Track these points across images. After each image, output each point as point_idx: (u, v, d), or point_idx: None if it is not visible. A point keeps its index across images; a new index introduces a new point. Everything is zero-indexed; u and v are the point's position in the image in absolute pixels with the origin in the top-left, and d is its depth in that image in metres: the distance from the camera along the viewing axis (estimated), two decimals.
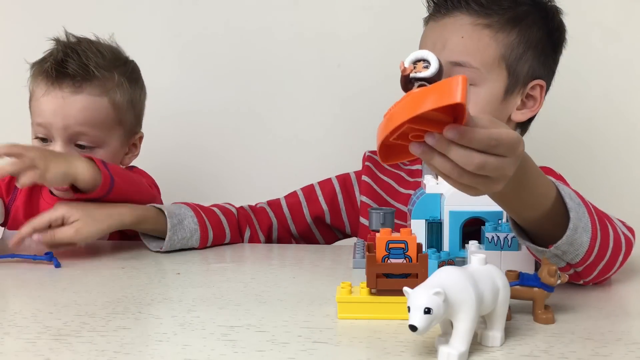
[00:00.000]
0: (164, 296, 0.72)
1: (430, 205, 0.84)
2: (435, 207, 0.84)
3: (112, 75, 1.12)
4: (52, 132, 1.09)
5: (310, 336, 0.57)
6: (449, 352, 0.50)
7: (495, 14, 0.98)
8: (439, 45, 0.97)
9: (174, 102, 1.54)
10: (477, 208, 0.81)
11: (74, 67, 1.08)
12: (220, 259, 0.93)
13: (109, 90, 1.11)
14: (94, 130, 1.10)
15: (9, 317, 0.64)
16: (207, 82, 1.54)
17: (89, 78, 1.09)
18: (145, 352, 0.54)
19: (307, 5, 1.51)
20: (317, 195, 1.12)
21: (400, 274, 0.62)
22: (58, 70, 1.08)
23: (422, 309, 0.48)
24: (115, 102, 1.12)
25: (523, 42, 1.00)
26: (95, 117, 1.10)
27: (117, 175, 0.98)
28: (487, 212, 0.81)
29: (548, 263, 0.62)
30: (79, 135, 1.09)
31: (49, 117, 1.08)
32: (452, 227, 0.82)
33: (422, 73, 0.57)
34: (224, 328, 0.60)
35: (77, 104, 1.08)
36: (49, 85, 1.08)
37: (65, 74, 1.08)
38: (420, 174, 1.12)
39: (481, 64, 0.98)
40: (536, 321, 0.61)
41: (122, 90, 1.13)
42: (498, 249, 0.78)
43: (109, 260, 0.93)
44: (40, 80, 1.10)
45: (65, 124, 1.08)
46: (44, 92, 1.08)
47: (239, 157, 1.55)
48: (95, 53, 1.11)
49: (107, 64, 1.12)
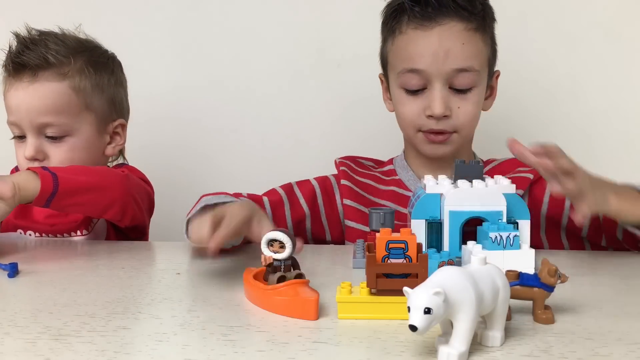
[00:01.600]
0: (164, 296, 0.72)
1: (430, 205, 0.84)
2: (435, 207, 0.84)
3: (69, 60, 1.11)
4: (22, 127, 1.09)
5: (310, 336, 0.57)
6: (449, 352, 0.50)
7: (477, 17, 1.03)
8: (442, 55, 1.00)
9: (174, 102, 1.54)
10: (477, 208, 0.81)
11: (30, 57, 1.08)
12: (220, 259, 0.93)
13: (66, 74, 1.10)
14: (59, 118, 1.09)
15: (9, 317, 0.64)
16: (207, 82, 1.54)
17: (46, 66, 1.08)
18: (145, 352, 0.54)
19: (307, 6, 1.51)
20: (297, 196, 1.10)
21: (400, 274, 0.62)
22: (15, 62, 1.08)
23: (422, 309, 0.48)
24: (77, 86, 1.11)
25: (491, 38, 1.08)
26: (57, 104, 1.09)
27: (59, 170, 0.94)
28: (486, 212, 0.81)
29: (548, 263, 0.62)
30: (45, 126, 1.08)
31: (15, 112, 1.09)
32: (452, 227, 0.82)
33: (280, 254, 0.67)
34: (224, 328, 0.60)
35: (37, 92, 1.08)
36: (10, 79, 1.09)
37: (23, 65, 1.08)
38: (394, 173, 1.13)
39: (480, 66, 1.04)
40: (536, 321, 0.61)
41: (84, 74, 1.12)
42: (500, 249, 0.77)
43: (108, 260, 0.93)
44: (5, 78, 1.11)
45: (29, 115, 1.08)
46: (7, 87, 1.09)
47: (238, 157, 1.55)
48: (57, 42, 1.10)
49: (67, 51, 1.11)
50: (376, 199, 1.10)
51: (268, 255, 0.67)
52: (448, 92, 1.02)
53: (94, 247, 1.04)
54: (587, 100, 1.46)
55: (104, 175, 1.04)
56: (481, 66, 1.04)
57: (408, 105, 1.05)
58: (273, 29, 1.52)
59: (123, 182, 1.05)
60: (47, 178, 0.91)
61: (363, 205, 1.09)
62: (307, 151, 1.51)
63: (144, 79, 1.43)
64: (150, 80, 1.47)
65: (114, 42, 1.24)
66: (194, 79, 1.55)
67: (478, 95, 1.04)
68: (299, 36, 1.51)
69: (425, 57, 1.01)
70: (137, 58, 1.32)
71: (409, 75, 1.03)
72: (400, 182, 1.11)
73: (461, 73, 1.01)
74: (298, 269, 0.68)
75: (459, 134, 1.05)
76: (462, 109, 1.03)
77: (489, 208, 0.81)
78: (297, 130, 1.52)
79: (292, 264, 0.68)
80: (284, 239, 0.66)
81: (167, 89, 1.54)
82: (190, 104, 1.55)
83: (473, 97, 1.03)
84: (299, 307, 0.62)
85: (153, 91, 1.48)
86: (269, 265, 0.68)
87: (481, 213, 0.81)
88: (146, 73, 1.35)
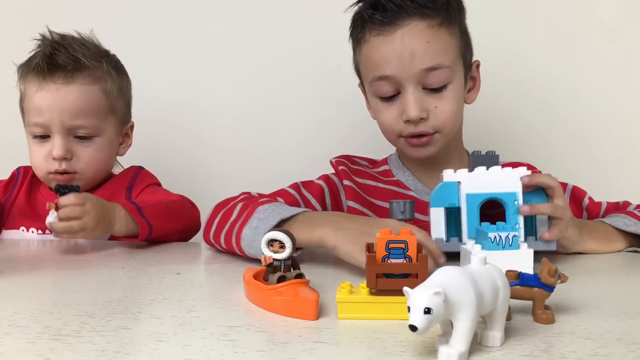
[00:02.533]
0: (164, 296, 0.72)
1: (447, 193, 0.86)
2: (453, 195, 0.86)
3: (101, 64, 1.14)
4: (51, 128, 1.10)
5: (310, 336, 0.57)
6: (449, 352, 0.50)
7: (441, 11, 1.00)
8: (407, 57, 0.98)
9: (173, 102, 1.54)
10: (493, 190, 0.85)
11: (63, 59, 1.09)
12: (220, 259, 0.93)
13: (99, 78, 1.13)
14: (90, 120, 1.11)
15: (9, 317, 0.64)
16: (207, 82, 1.55)
17: (80, 68, 1.11)
18: (145, 352, 0.54)
19: (307, 6, 1.51)
20: (307, 196, 1.09)
21: (400, 274, 0.62)
22: (49, 64, 1.09)
23: (422, 309, 0.48)
24: (107, 90, 1.14)
25: (461, 30, 1.05)
26: (89, 106, 1.11)
27: (152, 218, 1.02)
28: (502, 193, 0.85)
29: (548, 263, 0.62)
30: (77, 127, 1.11)
31: (45, 112, 1.09)
32: (470, 209, 0.85)
33: (280, 255, 0.67)
34: (224, 328, 0.60)
35: (71, 94, 1.09)
36: (41, 80, 1.10)
37: (57, 66, 1.09)
38: (391, 174, 1.13)
39: (450, 61, 1.01)
40: (536, 321, 0.61)
41: (111, 78, 1.16)
42: (500, 249, 0.77)
43: (109, 260, 0.93)
44: (32, 78, 1.11)
45: (62, 116, 1.09)
46: (36, 88, 1.10)
47: (238, 157, 1.55)
48: (81, 46, 1.13)
49: (94, 55, 1.14)
50: (375, 200, 1.09)
51: (268, 255, 0.67)
52: (422, 94, 1.00)
53: (95, 247, 1.04)
54: (587, 101, 1.47)
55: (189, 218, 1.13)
56: (452, 61, 1.01)
57: (385, 112, 1.04)
58: (274, 29, 1.52)
59: (197, 219, 1.15)
60: (145, 229, 1.01)
61: (364, 206, 1.09)
62: (307, 151, 1.51)
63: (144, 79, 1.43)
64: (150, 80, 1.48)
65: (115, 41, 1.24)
66: (194, 79, 1.55)
67: (454, 91, 1.02)
68: (299, 36, 1.52)
69: (392, 61, 0.99)
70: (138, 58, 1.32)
71: (379, 82, 1.02)
72: (399, 182, 1.11)
73: (431, 72, 0.98)
74: (298, 269, 0.68)
75: (441, 133, 1.03)
76: (440, 108, 1.01)
77: (504, 190, 0.84)
78: (298, 130, 1.53)
79: (292, 264, 0.68)
80: (284, 239, 0.66)
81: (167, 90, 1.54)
82: (190, 104, 1.55)
83: (449, 94, 1.01)
84: (299, 307, 0.62)
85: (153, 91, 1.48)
86: (269, 265, 0.68)
87: (497, 195, 0.84)
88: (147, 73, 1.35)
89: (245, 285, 0.70)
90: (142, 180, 1.21)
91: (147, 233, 1.00)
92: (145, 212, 1.01)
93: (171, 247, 1.04)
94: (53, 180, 1.13)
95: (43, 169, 1.13)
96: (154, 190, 1.19)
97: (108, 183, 1.20)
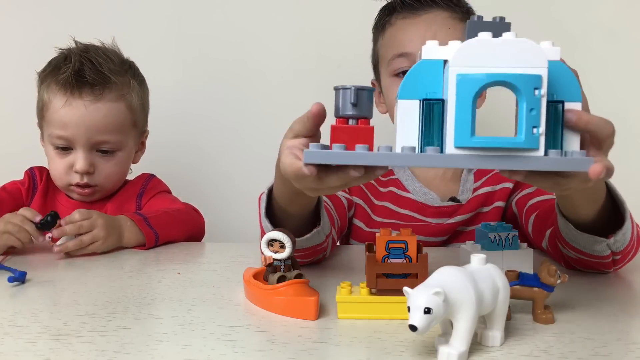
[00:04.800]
0: (164, 296, 0.72)
1: (426, 78, 0.56)
2: (435, 81, 0.56)
3: (126, 79, 1.15)
4: (75, 142, 1.10)
5: (310, 336, 0.57)
6: (449, 352, 0.50)
7: (463, 9, 1.08)
8: (429, 36, 1.01)
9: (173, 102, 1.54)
10: (502, 69, 0.52)
11: (91, 76, 1.09)
12: (220, 259, 0.93)
13: (125, 95, 1.14)
14: (115, 136, 1.12)
15: (9, 317, 0.64)
16: (207, 82, 1.55)
17: (107, 84, 1.11)
18: (145, 352, 0.54)
19: (307, 6, 1.51)
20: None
21: (400, 274, 0.62)
22: (78, 80, 1.09)
23: (422, 309, 0.48)
24: (132, 106, 1.15)
25: None
26: (115, 123, 1.12)
27: (158, 227, 1.03)
28: (517, 75, 0.52)
29: (548, 263, 0.62)
30: (101, 143, 1.12)
31: (71, 128, 1.09)
32: (460, 102, 0.52)
33: (280, 255, 0.67)
34: (224, 328, 0.60)
35: (99, 112, 1.10)
36: (69, 96, 1.09)
37: (85, 83, 1.09)
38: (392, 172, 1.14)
39: None
40: (536, 321, 0.61)
41: (135, 93, 1.16)
42: (500, 249, 0.77)
43: (109, 260, 0.93)
44: (58, 91, 1.10)
45: (88, 133, 1.10)
46: (63, 102, 1.09)
47: (238, 156, 1.55)
48: (105, 59, 1.13)
49: (118, 69, 1.14)
50: (375, 200, 1.10)
51: (268, 255, 0.67)
52: None
53: None
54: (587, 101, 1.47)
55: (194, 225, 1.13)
56: None
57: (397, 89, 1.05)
58: (274, 30, 1.52)
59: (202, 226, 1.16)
60: (151, 239, 1.01)
61: (367, 204, 1.09)
62: None
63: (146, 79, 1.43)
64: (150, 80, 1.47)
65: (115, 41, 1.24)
66: (195, 79, 1.55)
67: None
68: (300, 36, 1.51)
69: (414, 40, 1.03)
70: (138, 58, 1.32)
71: (399, 60, 1.05)
72: (398, 182, 1.11)
73: None
74: (298, 269, 0.68)
75: None
76: None
77: (520, 70, 0.52)
78: None
79: (292, 264, 0.68)
80: (284, 239, 0.66)
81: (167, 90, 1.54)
82: (191, 104, 1.55)
83: None
84: (299, 307, 0.62)
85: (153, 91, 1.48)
86: (269, 265, 0.68)
87: (508, 77, 0.51)
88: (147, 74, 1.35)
89: (245, 285, 0.70)
90: (153, 188, 1.21)
91: (154, 242, 1.02)
92: (151, 222, 1.03)
93: (171, 247, 1.04)
94: (74, 192, 1.14)
95: (64, 181, 1.14)
96: (162, 198, 1.20)
97: (121, 191, 1.21)
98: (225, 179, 1.54)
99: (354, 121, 0.58)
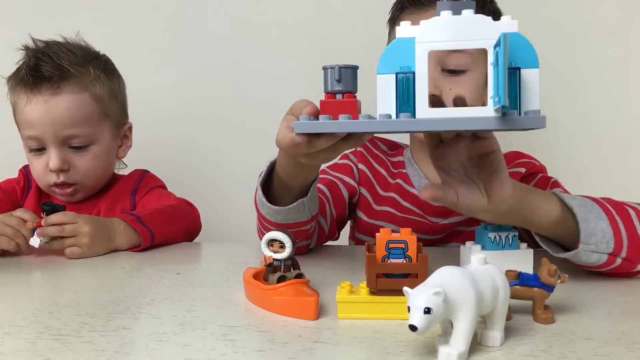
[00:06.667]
0: (164, 296, 0.72)
1: (400, 53, 0.62)
2: (409, 56, 0.62)
3: (88, 69, 1.12)
4: (44, 140, 1.09)
5: (310, 336, 0.57)
6: (449, 352, 0.50)
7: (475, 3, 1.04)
8: None
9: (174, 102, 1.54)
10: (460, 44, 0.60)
11: (48, 69, 1.08)
12: (220, 259, 0.93)
13: (87, 85, 1.11)
14: (84, 129, 1.10)
15: (9, 317, 0.64)
16: (207, 81, 1.55)
17: (66, 77, 1.09)
18: (145, 352, 0.54)
19: (307, 5, 1.51)
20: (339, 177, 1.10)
21: (400, 274, 0.62)
22: (34, 76, 1.08)
23: (422, 309, 0.48)
24: (97, 95, 1.12)
25: None
26: (81, 115, 1.10)
27: (153, 225, 1.02)
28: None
29: (548, 263, 0.62)
30: (71, 137, 1.09)
31: (37, 125, 1.08)
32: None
33: (280, 255, 0.67)
34: (224, 328, 0.60)
35: (60, 105, 1.08)
36: (29, 93, 1.08)
37: (42, 78, 1.08)
38: (403, 165, 1.13)
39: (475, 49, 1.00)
40: (536, 321, 0.61)
41: (100, 82, 1.13)
42: (499, 249, 0.77)
43: (109, 260, 0.93)
44: (19, 91, 1.10)
45: (54, 128, 1.08)
46: (25, 101, 1.08)
47: (238, 156, 1.55)
48: (66, 52, 1.11)
49: (80, 60, 1.12)
50: (383, 192, 1.10)
51: (268, 255, 0.67)
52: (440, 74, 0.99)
53: None
54: (587, 101, 1.47)
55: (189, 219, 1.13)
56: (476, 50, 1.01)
57: None
58: (274, 30, 1.52)
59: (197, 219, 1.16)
60: (147, 238, 1.00)
61: (370, 194, 1.10)
62: None
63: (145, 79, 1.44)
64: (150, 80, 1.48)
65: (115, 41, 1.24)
66: (195, 79, 1.55)
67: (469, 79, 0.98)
68: (300, 36, 1.51)
69: None
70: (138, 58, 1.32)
71: None
72: (406, 176, 1.11)
73: (454, 53, 0.97)
74: (298, 269, 0.68)
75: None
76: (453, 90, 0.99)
77: (476, 44, 0.60)
78: None
79: (292, 264, 0.68)
80: (284, 239, 0.66)
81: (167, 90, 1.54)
82: (191, 104, 1.55)
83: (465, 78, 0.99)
84: (299, 307, 0.62)
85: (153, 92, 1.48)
86: (269, 265, 0.68)
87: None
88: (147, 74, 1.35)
89: (245, 285, 0.70)
90: (147, 184, 1.20)
91: (150, 241, 1.00)
92: (145, 220, 1.01)
93: (171, 247, 1.04)
94: (56, 192, 1.13)
95: (44, 181, 1.13)
96: (157, 193, 1.18)
97: (113, 188, 1.20)
98: (226, 179, 1.54)
99: (340, 96, 0.66)
